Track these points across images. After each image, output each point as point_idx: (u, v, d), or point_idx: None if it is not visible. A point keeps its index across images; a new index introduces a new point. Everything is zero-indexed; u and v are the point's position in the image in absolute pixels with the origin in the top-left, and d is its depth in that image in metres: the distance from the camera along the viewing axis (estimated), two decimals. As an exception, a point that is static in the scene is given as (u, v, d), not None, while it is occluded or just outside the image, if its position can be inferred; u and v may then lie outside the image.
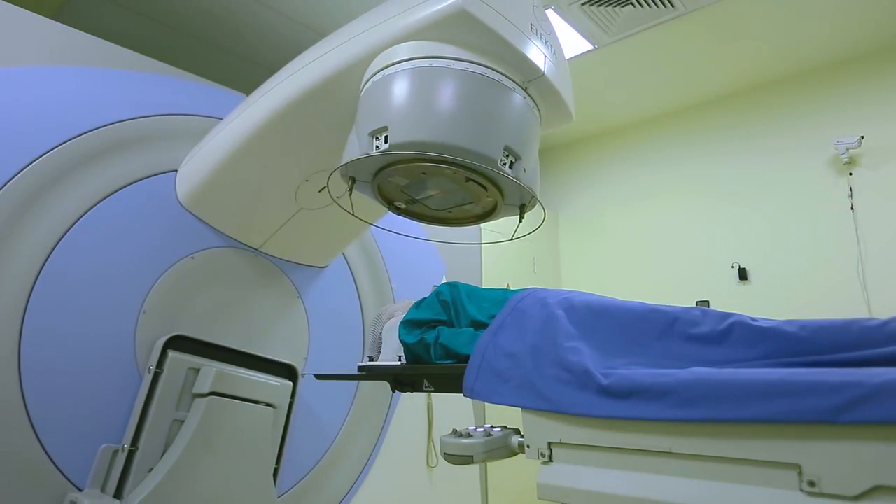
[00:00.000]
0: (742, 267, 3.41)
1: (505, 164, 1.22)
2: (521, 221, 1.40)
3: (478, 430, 1.21)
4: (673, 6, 2.72)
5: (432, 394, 2.34)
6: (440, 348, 1.35)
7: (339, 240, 2.22)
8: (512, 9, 1.26)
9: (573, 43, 3.01)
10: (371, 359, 1.64)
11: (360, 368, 1.58)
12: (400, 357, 1.48)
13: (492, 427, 1.22)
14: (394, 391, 1.53)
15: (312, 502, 2.11)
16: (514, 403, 1.12)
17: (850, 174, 3.11)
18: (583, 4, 2.70)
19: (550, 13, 2.75)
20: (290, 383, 1.99)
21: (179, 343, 1.76)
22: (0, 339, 1.48)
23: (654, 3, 2.69)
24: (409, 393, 1.50)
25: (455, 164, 1.19)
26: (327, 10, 2.77)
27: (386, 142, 1.20)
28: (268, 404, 1.86)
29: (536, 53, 1.28)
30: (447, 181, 1.30)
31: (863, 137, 3.05)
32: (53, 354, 1.55)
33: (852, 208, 3.08)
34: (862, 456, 0.73)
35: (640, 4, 2.70)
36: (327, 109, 1.47)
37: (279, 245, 2.05)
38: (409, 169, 1.25)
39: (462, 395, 1.20)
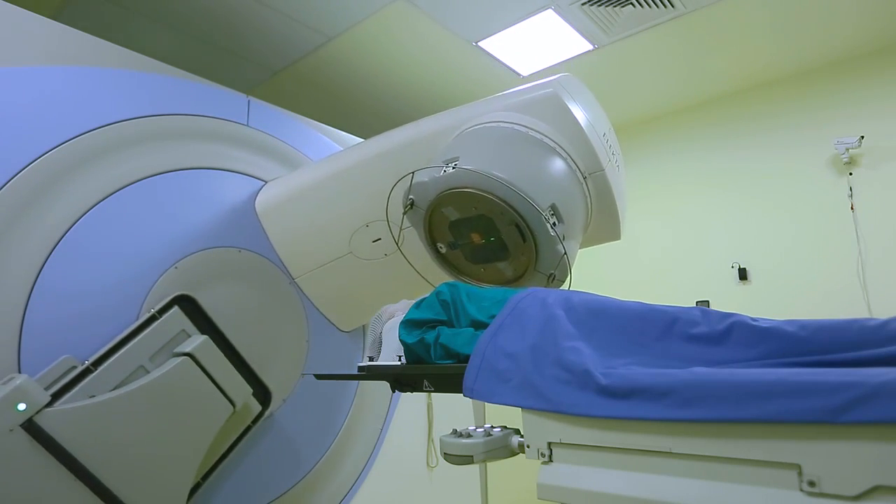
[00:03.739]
0: (742, 267, 3.41)
1: (549, 220, 1.36)
2: None
3: (478, 430, 1.20)
4: (673, 6, 2.72)
5: (432, 394, 2.34)
6: (440, 348, 1.35)
7: (369, 305, 2.24)
8: (594, 115, 1.53)
9: (573, 43, 3.00)
10: (371, 359, 1.64)
11: (360, 368, 1.58)
12: (400, 357, 1.48)
13: (492, 427, 1.22)
14: (394, 391, 1.53)
15: (313, 502, 2.11)
16: (514, 403, 1.12)
17: (850, 174, 3.10)
18: (583, 4, 2.70)
19: (550, 13, 2.74)
20: (260, 407, 1.96)
21: (188, 306, 1.81)
22: (41, 239, 1.62)
23: (654, 3, 2.69)
24: (409, 393, 1.50)
25: (504, 201, 1.35)
26: (327, 10, 2.77)
27: (454, 168, 1.39)
28: (231, 403, 1.81)
29: (602, 152, 1.50)
30: (491, 225, 1.43)
31: (863, 137, 3.04)
32: (76, 265, 1.66)
33: (852, 208, 3.07)
34: (862, 456, 0.73)
35: (640, 4, 2.70)
36: (415, 163, 1.67)
37: (313, 284, 2.13)
38: (462, 197, 1.40)
39: (462, 395, 1.20)
